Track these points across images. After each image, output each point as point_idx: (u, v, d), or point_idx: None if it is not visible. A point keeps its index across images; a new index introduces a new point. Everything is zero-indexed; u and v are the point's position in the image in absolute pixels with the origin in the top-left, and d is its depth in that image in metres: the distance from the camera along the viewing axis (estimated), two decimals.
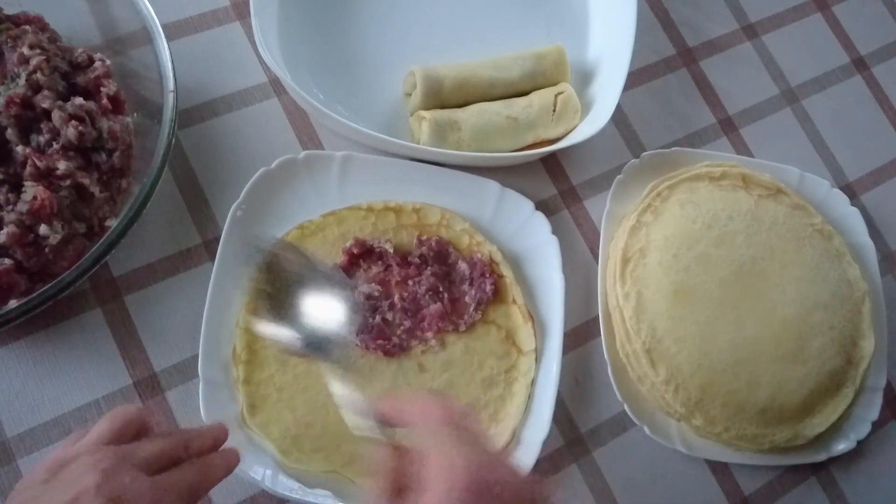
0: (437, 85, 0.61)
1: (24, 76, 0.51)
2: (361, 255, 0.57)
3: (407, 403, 0.42)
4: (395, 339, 0.56)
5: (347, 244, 0.57)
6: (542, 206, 0.64)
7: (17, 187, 0.49)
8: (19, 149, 0.50)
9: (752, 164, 0.67)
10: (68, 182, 0.50)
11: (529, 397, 0.56)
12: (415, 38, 0.67)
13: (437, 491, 0.36)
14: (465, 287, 0.58)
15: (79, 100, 0.52)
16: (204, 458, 0.41)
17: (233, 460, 0.42)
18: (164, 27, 0.55)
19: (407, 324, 0.56)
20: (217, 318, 0.54)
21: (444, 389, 0.55)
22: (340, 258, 0.57)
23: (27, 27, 0.54)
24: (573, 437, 0.59)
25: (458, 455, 0.37)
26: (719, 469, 0.60)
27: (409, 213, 0.59)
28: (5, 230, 0.48)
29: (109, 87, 0.54)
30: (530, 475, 0.45)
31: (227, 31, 0.64)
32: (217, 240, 0.56)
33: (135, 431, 0.40)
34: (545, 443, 0.55)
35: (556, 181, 0.66)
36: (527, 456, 0.55)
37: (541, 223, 0.61)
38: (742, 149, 0.71)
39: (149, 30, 0.55)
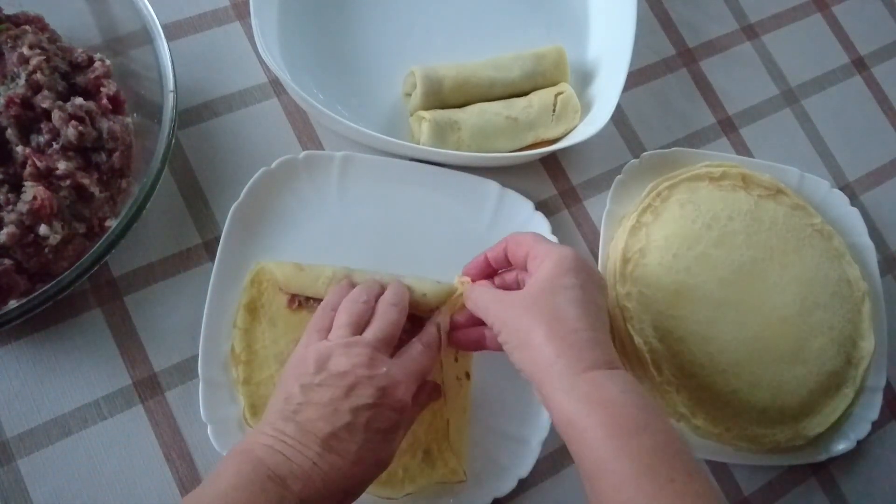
0: (437, 85, 0.61)
1: (24, 76, 0.51)
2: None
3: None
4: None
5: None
6: (542, 206, 0.64)
7: (17, 187, 0.49)
8: (19, 149, 0.50)
9: (752, 165, 0.67)
10: (68, 182, 0.50)
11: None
12: (415, 38, 0.67)
13: (550, 261, 0.47)
14: None
15: (79, 100, 0.52)
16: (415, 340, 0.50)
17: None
18: (164, 27, 0.55)
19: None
20: (217, 318, 0.54)
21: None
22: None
23: (27, 27, 0.54)
24: None
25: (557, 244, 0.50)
26: (719, 469, 0.60)
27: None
28: (5, 230, 0.48)
29: (109, 88, 0.54)
30: None
31: (226, 31, 0.64)
32: (217, 240, 0.56)
33: (367, 315, 0.49)
34: (545, 443, 0.55)
35: (556, 181, 0.66)
36: (527, 456, 0.55)
37: (541, 223, 0.61)
38: (742, 149, 0.71)
39: (148, 30, 0.55)
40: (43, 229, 0.48)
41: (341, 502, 0.44)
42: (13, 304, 0.48)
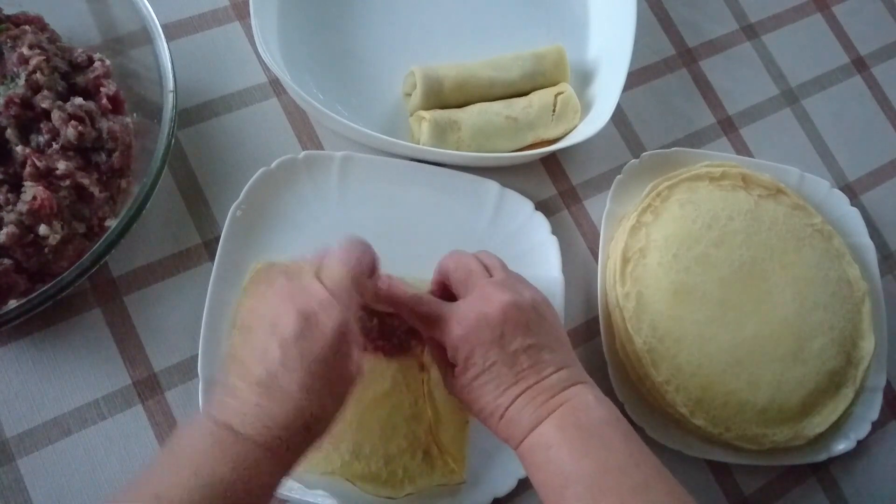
0: (437, 85, 0.61)
1: (23, 76, 0.51)
2: None
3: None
4: (395, 340, 0.56)
5: None
6: (542, 206, 0.64)
7: (16, 187, 0.49)
8: (19, 149, 0.50)
9: (752, 164, 0.67)
10: (68, 182, 0.50)
11: None
12: (415, 38, 0.67)
13: (451, 349, 0.47)
14: None
15: (79, 100, 0.52)
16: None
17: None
18: (164, 27, 0.55)
19: (406, 324, 0.56)
20: (217, 318, 0.54)
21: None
22: None
23: (27, 27, 0.54)
24: None
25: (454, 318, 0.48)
26: (719, 469, 0.60)
27: None
28: (5, 230, 0.48)
29: (109, 87, 0.54)
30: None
31: (226, 31, 0.64)
32: (217, 240, 0.56)
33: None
34: None
35: (555, 181, 0.66)
36: None
37: (541, 223, 0.61)
38: (742, 149, 0.71)
39: (148, 30, 0.55)
40: (43, 229, 0.48)
41: (307, 437, 0.41)
42: (13, 304, 0.48)
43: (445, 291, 0.53)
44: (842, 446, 0.61)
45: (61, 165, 0.50)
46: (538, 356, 0.46)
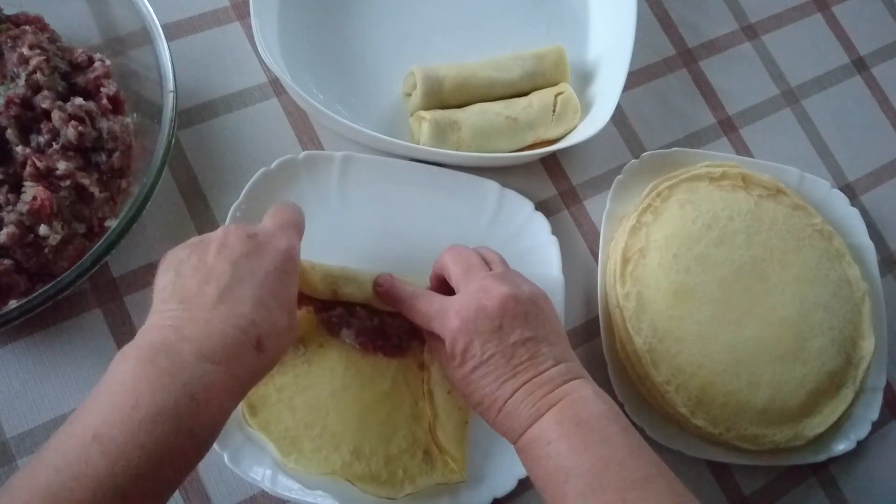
0: (437, 85, 0.61)
1: (24, 76, 0.51)
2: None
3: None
4: (396, 340, 0.56)
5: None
6: (542, 206, 0.64)
7: (17, 187, 0.49)
8: (19, 149, 0.50)
9: (752, 165, 0.67)
10: (68, 182, 0.50)
11: None
12: (415, 38, 0.67)
13: (449, 341, 0.47)
14: None
15: (79, 100, 0.52)
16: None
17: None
18: (164, 27, 0.55)
19: (406, 324, 0.56)
20: None
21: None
22: None
23: (27, 27, 0.54)
24: None
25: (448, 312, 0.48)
26: (719, 469, 0.60)
27: None
28: (5, 230, 0.48)
29: (109, 88, 0.54)
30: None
31: (226, 31, 0.64)
32: None
33: None
34: None
35: (555, 181, 0.66)
36: None
37: (541, 223, 0.61)
38: (742, 149, 0.71)
39: (149, 30, 0.55)
40: (43, 229, 0.48)
41: (259, 357, 0.39)
42: (13, 304, 0.48)
43: (444, 286, 0.53)
44: (842, 446, 0.61)
45: (61, 165, 0.50)
46: (536, 349, 0.46)
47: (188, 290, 0.39)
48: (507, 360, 0.45)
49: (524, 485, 0.55)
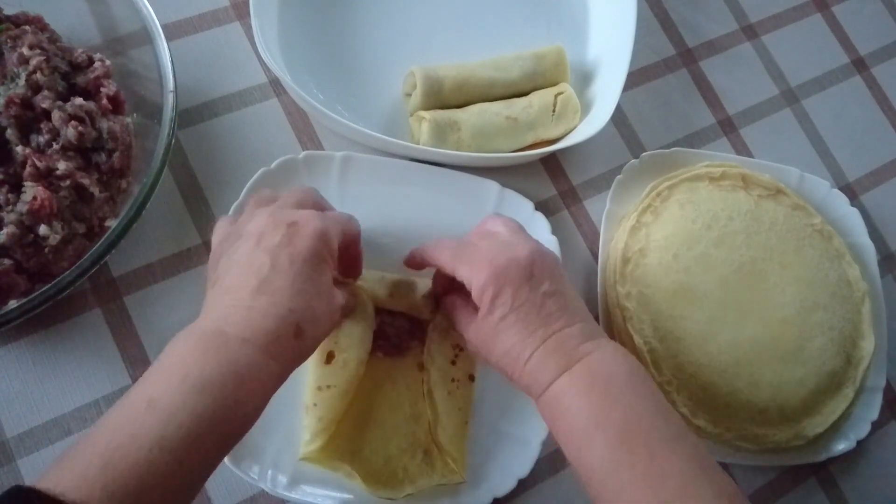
0: (437, 85, 0.61)
1: (24, 76, 0.51)
2: None
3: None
4: (395, 340, 0.56)
5: None
6: (541, 206, 0.64)
7: (17, 187, 0.49)
8: (19, 149, 0.50)
9: (752, 165, 0.67)
10: (68, 182, 0.50)
11: None
12: (415, 38, 0.67)
13: (476, 292, 0.47)
14: None
15: (79, 100, 0.52)
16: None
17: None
18: (164, 27, 0.55)
19: (406, 324, 0.56)
20: None
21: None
22: None
23: (27, 27, 0.54)
24: None
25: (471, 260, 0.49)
26: None
27: None
28: (5, 230, 0.48)
29: (109, 88, 0.54)
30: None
31: (226, 32, 0.64)
32: None
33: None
34: (545, 443, 0.55)
35: (555, 181, 0.66)
36: (526, 456, 0.55)
37: (541, 223, 0.61)
38: (742, 149, 0.71)
39: (148, 30, 0.55)
40: (43, 229, 0.48)
41: (300, 341, 0.41)
42: (13, 304, 0.48)
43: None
44: (842, 446, 0.61)
45: (61, 165, 0.50)
46: (564, 303, 0.47)
47: (232, 284, 0.42)
48: (538, 310, 0.46)
49: (524, 485, 0.55)
